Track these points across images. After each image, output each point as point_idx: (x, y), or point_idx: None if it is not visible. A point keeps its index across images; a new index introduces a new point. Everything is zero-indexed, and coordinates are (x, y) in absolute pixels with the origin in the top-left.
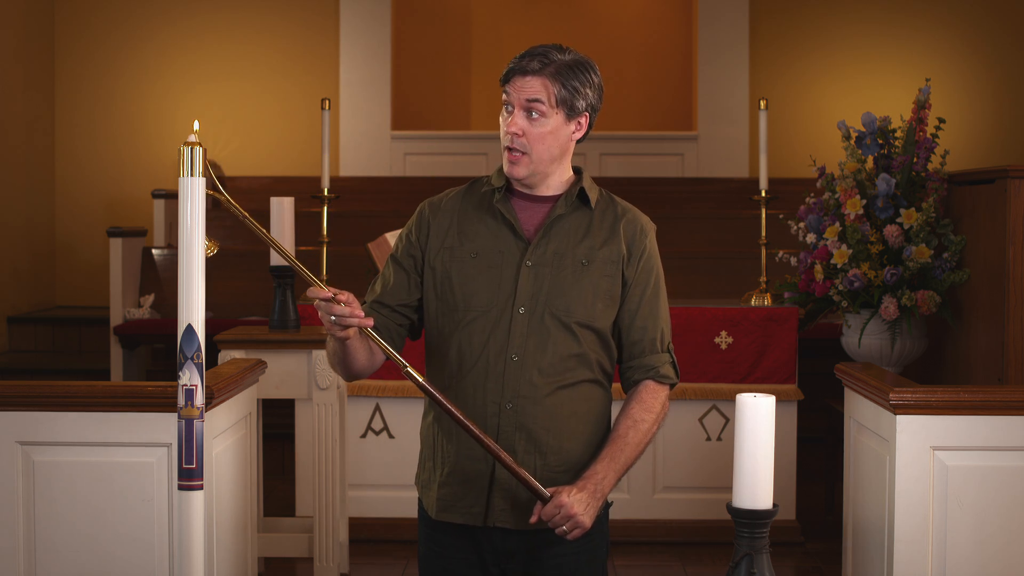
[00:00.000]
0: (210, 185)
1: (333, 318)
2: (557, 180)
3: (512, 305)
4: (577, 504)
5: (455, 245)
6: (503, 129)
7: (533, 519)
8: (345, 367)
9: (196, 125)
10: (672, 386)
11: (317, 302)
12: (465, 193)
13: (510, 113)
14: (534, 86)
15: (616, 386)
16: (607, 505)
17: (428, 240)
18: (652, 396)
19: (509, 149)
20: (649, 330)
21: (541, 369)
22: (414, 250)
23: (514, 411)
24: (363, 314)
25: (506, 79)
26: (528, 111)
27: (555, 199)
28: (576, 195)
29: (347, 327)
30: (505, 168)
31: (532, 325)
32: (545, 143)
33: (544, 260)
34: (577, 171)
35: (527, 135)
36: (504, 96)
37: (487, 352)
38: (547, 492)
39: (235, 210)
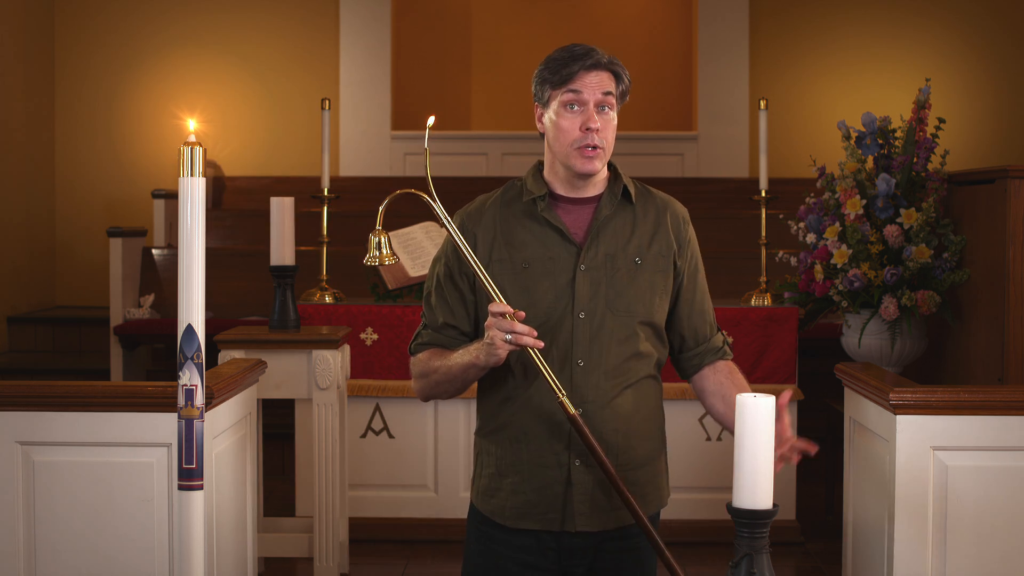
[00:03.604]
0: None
1: (509, 337)
2: (599, 176)
3: (572, 311)
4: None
5: (504, 257)
6: (571, 128)
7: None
8: (451, 394)
9: (192, 123)
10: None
11: (494, 318)
12: (502, 202)
13: (577, 112)
14: (605, 80)
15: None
16: (660, 509)
17: (476, 252)
18: (737, 373)
19: (587, 147)
20: (707, 314)
21: (606, 372)
22: (464, 267)
23: (584, 416)
24: (536, 333)
25: (569, 76)
26: (601, 105)
27: (597, 199)
28: (620, 193)
29: (519, 346)
30: (580, 165)
31: (594, 329)
32: (614, 135)
33: (597, 263)
34: (610, 166)
35: (604, 130)
36: (569, 94)
37: (552, 359)
38: (667, 553)
39: (439, 212)
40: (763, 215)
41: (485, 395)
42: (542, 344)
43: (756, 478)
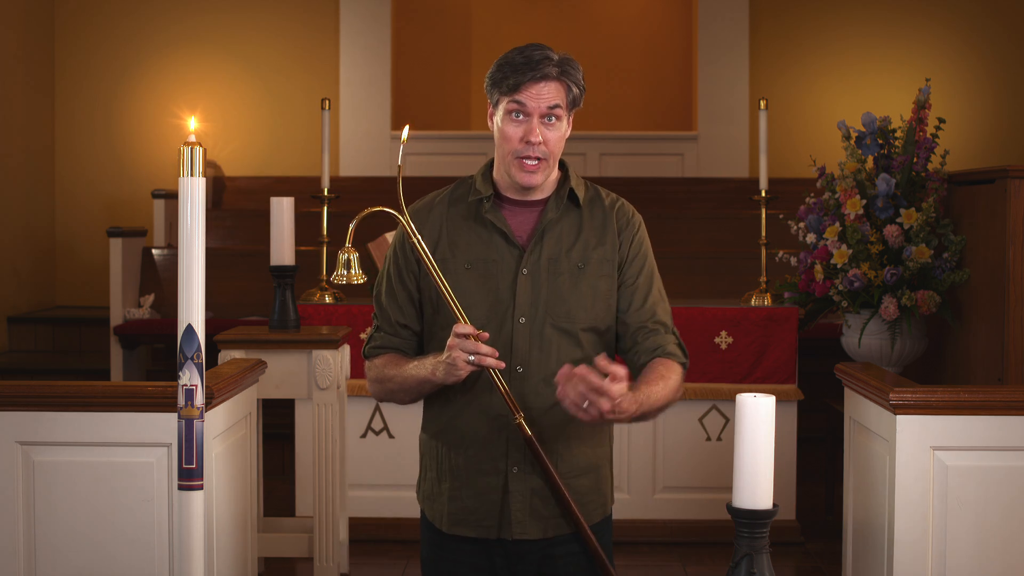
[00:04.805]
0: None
1: (472, 358)
2: (548, 179)
3: (512, 315)
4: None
5: (447, 257)
6: (513, 136)
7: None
8: (406, 402)
9: (192, 123)
10: (683, 366)
11: (457, 339)
12: (450, 201)
13: (520, 121)
14: (552, 91)
15: None
16: (607, 515)
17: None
18: (668, 368)
19: (527, 158)
20: (647, 311)
21: (546, 379)
22: (411, 266)
23: (524, 422)
24: (498, 354)
25: (515, 87)
26: (546, 117)
27: (544, 202)
28: (567, 196)
29: (481, 367)
30: (520, 178)
31: (534, 335)
32: (559, 146)
33: (539, 267)
34: (562, 167)
35: (547, 142)
36: (513, 104)
37: None
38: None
39: (411, 233)
40: (763, 215)
41: (430, 395)
42: (503, 365)
43: (756, 478)
